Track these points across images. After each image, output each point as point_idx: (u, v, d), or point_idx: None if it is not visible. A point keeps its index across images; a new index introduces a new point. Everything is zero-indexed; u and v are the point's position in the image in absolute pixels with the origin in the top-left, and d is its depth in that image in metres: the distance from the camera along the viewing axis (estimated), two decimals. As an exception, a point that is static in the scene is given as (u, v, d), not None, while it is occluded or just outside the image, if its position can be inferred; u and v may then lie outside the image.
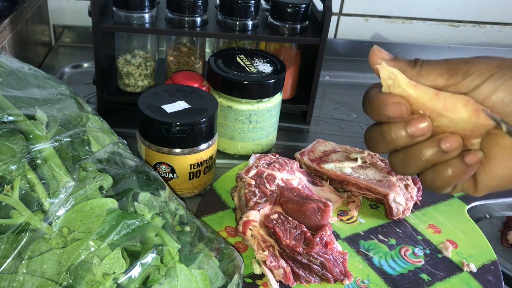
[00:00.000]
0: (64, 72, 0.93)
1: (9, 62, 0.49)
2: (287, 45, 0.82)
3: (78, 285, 0.37)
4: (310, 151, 0.70)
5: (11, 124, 0.41)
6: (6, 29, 0.76)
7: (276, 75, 0.70)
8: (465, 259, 0.59)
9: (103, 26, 0.72)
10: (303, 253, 0.52)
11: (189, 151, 0.61)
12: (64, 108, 0.47)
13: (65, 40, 1.02)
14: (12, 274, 0.37)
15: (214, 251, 0.48)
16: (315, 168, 0.68)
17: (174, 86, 0.66)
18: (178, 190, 0.64)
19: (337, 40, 1.07)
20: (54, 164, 0.41)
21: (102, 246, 0.39)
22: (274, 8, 0.77)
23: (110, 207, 0.41)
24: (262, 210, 0.56)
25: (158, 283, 0.40)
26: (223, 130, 0.72)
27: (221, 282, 0.47)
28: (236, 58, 0.74)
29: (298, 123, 0.85)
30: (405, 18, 1.09)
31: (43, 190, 0.40)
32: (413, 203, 0.65)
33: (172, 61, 0.80)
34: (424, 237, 0.62)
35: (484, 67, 0.36)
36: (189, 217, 0.49)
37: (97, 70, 0.76)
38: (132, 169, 0.47)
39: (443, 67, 0.37)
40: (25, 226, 0.38)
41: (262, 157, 0.64)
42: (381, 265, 0.57)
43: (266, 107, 0.71)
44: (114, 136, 0.50)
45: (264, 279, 0.54)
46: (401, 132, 0.37)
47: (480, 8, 1.10)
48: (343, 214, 0.64)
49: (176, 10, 0.74)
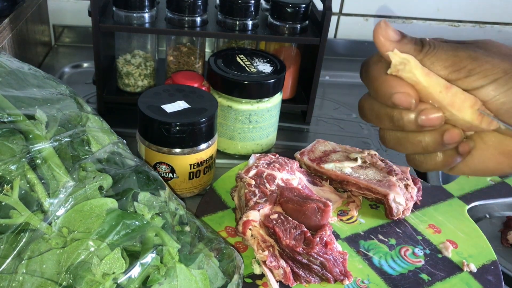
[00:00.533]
0: (64, 72, 0.93)
1: (9, 62, 0.49)
2: (287, 45, 0.82)
3: (77, 285, 0.37)
4: (310, 151, 0.70)
5: (11, 124, 0.41)
6: (6, 29, 0.76)
7: (276, 75, 0.70)
8: (465, 259, 0.59)
9: (103, 26, 0.72)
10: (303, 253, 0.52)
11: (189, 151, 0.61)
12: (63, 108, 0.47)
13: (65, 40, 1.02)
14: (12, 274, 0.37)
15: (214, 251, 0.48)
16: (315, 168, 0.68)
17: (174, 86, 0.66)
18: (178, 190, 0.64)
19: (337, 40, 1.07)
20: (53, 164, 0.41)
21: (101, 246, 0.39)
22: (274, 8, 0.77)
23: (110, 207, 0.41)
24: (262, 210, 0.56)
25: (158, 283, 0.40)
26: (223, 130, 0.72)
27: (221, 282, 0.47)
28: (236, 58, 0.74)
29: (298, 123, 0.85)
30: (405, 18, 1.09)
31: (43, 190, 0.39)
32: (413, 203, 0.65)
33: (172, 61, 0.80)
34: (424, 237, 0.62)
35: (491, 69, 0.35)
36: (189, 217, 0.49)
37: (97, 70, 0.76)
38: (132, 169, 0.47)
39: (448, 60, 0.36)
40: (24, 226, 0.38)
41: (262, 157, 0.64)
42: (381, 265, 0.57)
43: (266, 107, 0.71)
44: (114, 136, 0.50)
45: (264, 279, 0.54)
46: (410, 118, 0.36)
47: (480, 8, 1.10)
48: (343, 214, 0.64)
49: (176, 10, 0.74)
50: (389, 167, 0.66)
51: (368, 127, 0.85)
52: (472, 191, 0.70)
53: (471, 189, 0.71)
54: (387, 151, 0.80)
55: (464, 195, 0.69)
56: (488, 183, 0.73)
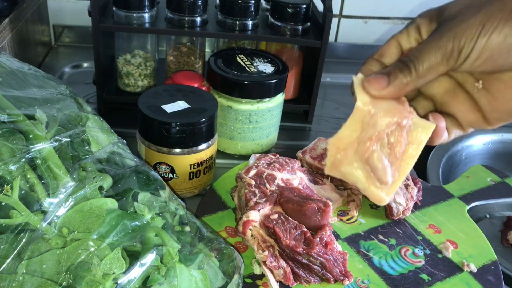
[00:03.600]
0: (64, 72, 0.93)
1: (9, 62, 0.49)
2: (289, 47, 0.82)
3: (78, 285, 0.37)
4: (312, 149, 0.70)
5: (11, 124, 0.41)
6: (6, 29, 0.76)
7: (277, 75, 0.70)
8: (465, 259, 0.59)
9: (103, 26, 0.72)
10: (303, 253, 0.52)
11: (189, 151, 0.61)
12: (63, 108, 0.47)
13: (65, 40, 1.02)
14: (12, 274, 0.37)
15: (214, 251, 0.48)
16: (317, 166, 0.68)
17: (174, 86, 0.66)
18: (178, 190, 0.64)
19: (337, 44, 1.08)
20: (53, 164, 0.41)
21: (102, 246, 0.39)
22: (274, 8, 0.77)
23: (110, 207, 0.41)
24: (262, 210, 0.56)
25: (158, 283, 0.40)
26: (223, 130, 0.72)
27: (221, 282, 0.47)
28: (236, 58, 0.74)
29: (300, 122, 0.86)
30: (404, 19, 1.09)
31: (43, 190, 0.39)
32: (413, 203, 0.65)
33: (172, 61, 0.80)
34: (424, 237, 0.62)
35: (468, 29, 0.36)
36: (189, 217, 0.49)
37: (97, 70, 0.76)
38: (132, 169, 0.46)
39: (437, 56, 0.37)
40: (24, 226, 0.38)
41: (262, 157, 0.64)
42: (381, 265, 0.57)
43: (266, 107, 0.71)
44: (114, 136, 0.50)
45: (264, 279, 0.54)
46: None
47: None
48: (343, 214, 0.64)
49: (176, 10, 0.74)
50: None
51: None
52: (472, 191, 0.70)
53: (471, 189, 0.71)
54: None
55: (464, 195, 0.69)
56: (488, 183, 0.73)
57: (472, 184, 0.72)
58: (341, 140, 0.41)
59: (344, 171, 0.41)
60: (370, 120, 0.40)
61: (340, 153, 0.41)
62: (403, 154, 0.40)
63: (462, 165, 0.86)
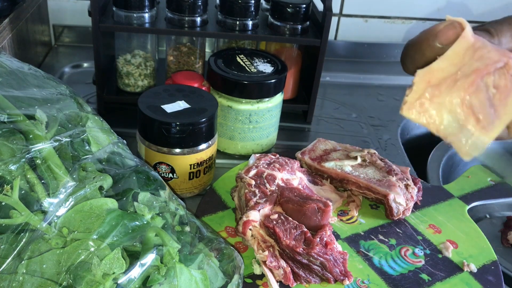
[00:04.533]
0: (64, 72, 0.93)
1: (9, 62, 0.49)
2: (288, 46, 0.82)
3: (78, 285, 0.37)
4: (311, 150, 0.70)
5: (11, 124, 0.41)
6: (6, 29, 0.76)
7: (276, 75, 0.70)
8: (466, 259, 0.59)
9: (103, 26, 0.72)
10: (303, 254, 0.52)
11: (189, 151, 0.61)
12: (63, 108, 0.47)
13: (65, 40, 1.02)
14: (12, 274, 0.37)
15: (214, 251, 0.48)
16: (316, 167, 0.68)
17: (174, 86, 0.66)
18: (178, 190, 0.64)
19: (337, 42, 1.08)
20: (53, 164, 0.41)
21: (102, 246, 0.39)
22: (274, 8, 0.77)
23: (110, 207, 0.41)
24: (262, 210, 0.56)
25: (158, 283, 0.40)
26: (223, 130, 0.72)
27: (221, 282, 0.47)
28: (236, 58, 0.74)
29: (299, 122, 0.85)
30: (404, 18, 1.09)
31: (43, 190, 0.39)
32: (414, 203, 0.65)
33: (172, 61, 0.80)
34: (424, 237, 0.62)
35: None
36: (189, 217, 0.49)
37: (97, 70, 0.76)
38: (132, 169, 0.46)
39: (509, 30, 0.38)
40: (24, 226, 0.38)
41: (262, 157, 0.64)
42: (381, 265, 0.57)
43: (266, 107, 0.71)
44: (114, 136, 0.50)
45: (264, 279, 0.54)
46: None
47: (480, 8, 1.10)
48: (343, 214, 0.64)
49: (176, 10, 0.74)
50: (388, 166, 0.66)
51: (367, 127, 0.86)
52: (472, 191, 0.70)
53: (471, 189, 0.71)
54: (386, 151, 0.80)
55: (464, 195, 0.69)
56: (488, 183, 0.73)
57: (472, 184, 0.72)
58: (434, 74, 0.35)
59: (433, 110, 0.35)
60: (475, 54, 0.35)
61: (431, 88, 0.35)
62: (507, 99, 0.35)
63: (462, 165, 0.86)
